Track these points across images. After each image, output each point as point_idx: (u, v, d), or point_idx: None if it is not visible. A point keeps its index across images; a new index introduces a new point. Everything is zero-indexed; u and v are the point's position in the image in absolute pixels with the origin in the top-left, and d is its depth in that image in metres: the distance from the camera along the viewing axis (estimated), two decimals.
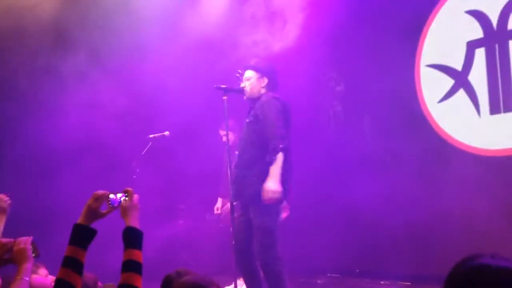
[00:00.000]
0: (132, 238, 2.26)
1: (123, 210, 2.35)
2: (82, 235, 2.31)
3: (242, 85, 4.54)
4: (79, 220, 2.34)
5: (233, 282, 4.28)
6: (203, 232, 6.45)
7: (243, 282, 5.00)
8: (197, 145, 6.86)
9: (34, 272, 2.69)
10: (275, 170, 4.08)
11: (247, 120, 4.47)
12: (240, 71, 4.61)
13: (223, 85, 4.42)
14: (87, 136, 6.09)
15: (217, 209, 6.28)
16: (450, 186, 5.21)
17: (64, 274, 2.23)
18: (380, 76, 5.81)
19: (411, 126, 5.68)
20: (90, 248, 2.31)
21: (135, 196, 2.38)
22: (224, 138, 5.95)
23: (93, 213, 2.36)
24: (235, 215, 4.36)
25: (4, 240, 2.40)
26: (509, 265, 1.45)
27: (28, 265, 2.34)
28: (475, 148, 5.24)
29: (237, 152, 4.85)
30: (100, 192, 2.40)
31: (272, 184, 4.04)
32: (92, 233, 2.33)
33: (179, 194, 7.11)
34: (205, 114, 6.44)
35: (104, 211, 2.39)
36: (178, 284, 2.03)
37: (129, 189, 2.39)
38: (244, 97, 4.56)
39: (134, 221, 2.31)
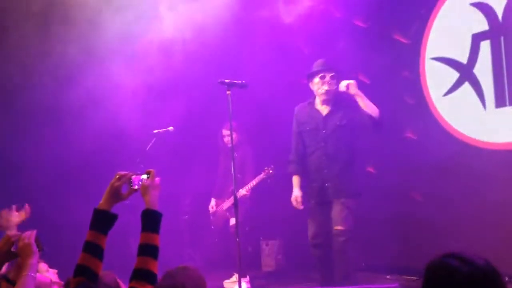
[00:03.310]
0: (150, 221, 2.27)
1: (144, 188, 2.35)
2: (103, 220, 2.31)
3: (326, 87, 4.80)
4: (100, 204, 2.34)
5: (237, 278, 4.26)
6: (208, 227, 6.44)
7: (247, 279, 4.99)
8: (202, 140, 6.85)
9: None
10: None
11: (340, 123, 4.80)
12: (324, 73, 4.81)
13: (226, 79, 4.34)
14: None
15: (212, 208, 6.26)
16: (455, 180, 5.17)
17: (84, 259, 2.23)
18: (385, 69, 5.76)
19: (416, 119, 5.65)
20: None
21: (157, 178, 2.39)
22: (227, 139, 5.90)
23: (115, 194, 2.37)
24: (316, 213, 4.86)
25: (11, 233, 2.38)
26: (473, 267, 1.52)
27: (33, 260, 2.32)
28: (480, 141, 5.20)
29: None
30: (123, 172, 2.41)
31: None
32: (112, 218, 2.34)
33: (184, 189, 7.10)
34: (210, 109, 6.42)
35: (125, 193, 2.40)
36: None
37: (151, 170, 2.40)
38: (324, 98, 4.85)
39: (153, 200, 2.33)
